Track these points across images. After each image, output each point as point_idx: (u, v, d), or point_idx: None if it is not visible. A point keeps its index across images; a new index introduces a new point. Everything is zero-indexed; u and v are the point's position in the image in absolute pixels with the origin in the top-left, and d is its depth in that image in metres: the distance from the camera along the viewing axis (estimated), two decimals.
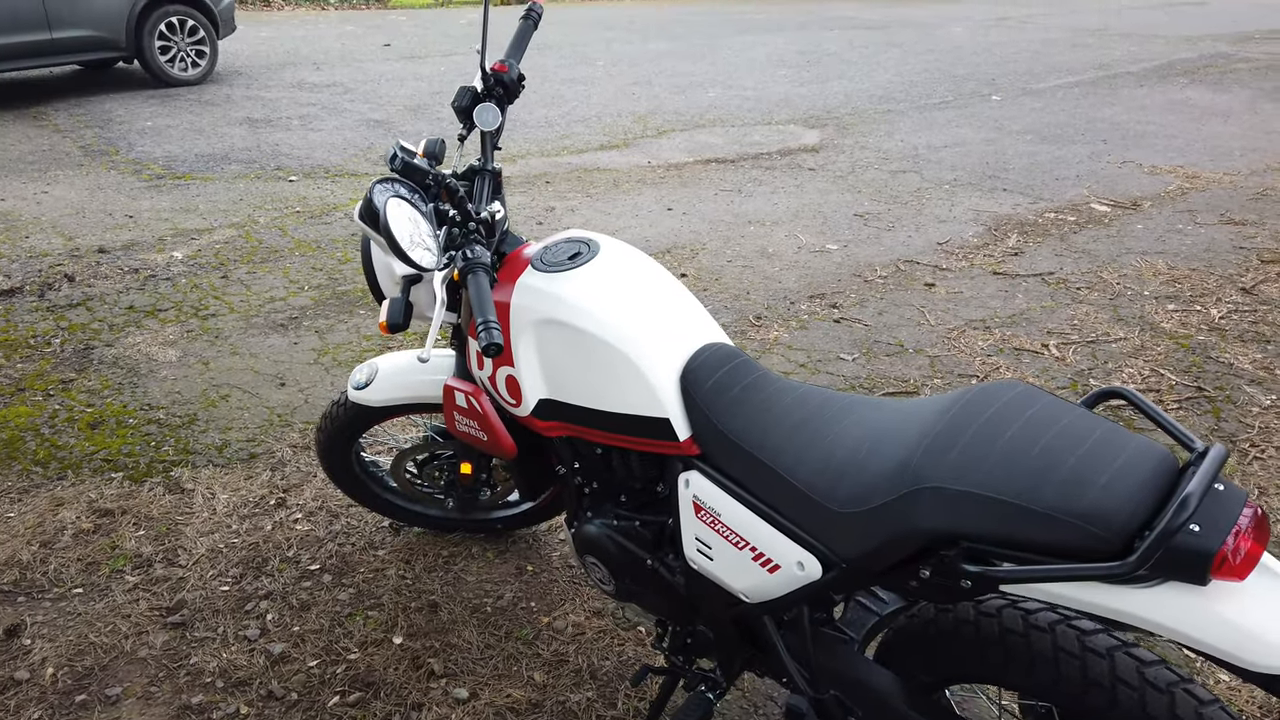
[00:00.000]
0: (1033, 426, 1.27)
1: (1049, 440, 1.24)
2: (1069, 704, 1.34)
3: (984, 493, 1.22)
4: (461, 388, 1.83)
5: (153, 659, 2.21)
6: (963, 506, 1.23)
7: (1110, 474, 1.18)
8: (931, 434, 1.31)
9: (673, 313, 1.68)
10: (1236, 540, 1.11)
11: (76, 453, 2.97)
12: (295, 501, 2.78)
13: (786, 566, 1.48)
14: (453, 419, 1.90)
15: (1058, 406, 1.31)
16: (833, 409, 1.53)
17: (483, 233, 1.66)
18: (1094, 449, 1.22)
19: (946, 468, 1.26)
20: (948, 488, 1.25)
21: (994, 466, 1.24)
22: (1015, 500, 1.20)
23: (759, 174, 6.37)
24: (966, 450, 1.27)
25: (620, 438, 1.67)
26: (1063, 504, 1.18)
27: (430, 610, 2.39)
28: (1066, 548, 1.17)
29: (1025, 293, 4.35)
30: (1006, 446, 1.25)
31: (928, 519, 1.26)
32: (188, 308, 3.99)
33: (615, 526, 1.83)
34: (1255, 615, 1.12)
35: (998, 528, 1.21)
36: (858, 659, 1.57)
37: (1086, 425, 1.27)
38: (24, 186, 5.56)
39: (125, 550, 2.55)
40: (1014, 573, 1.20)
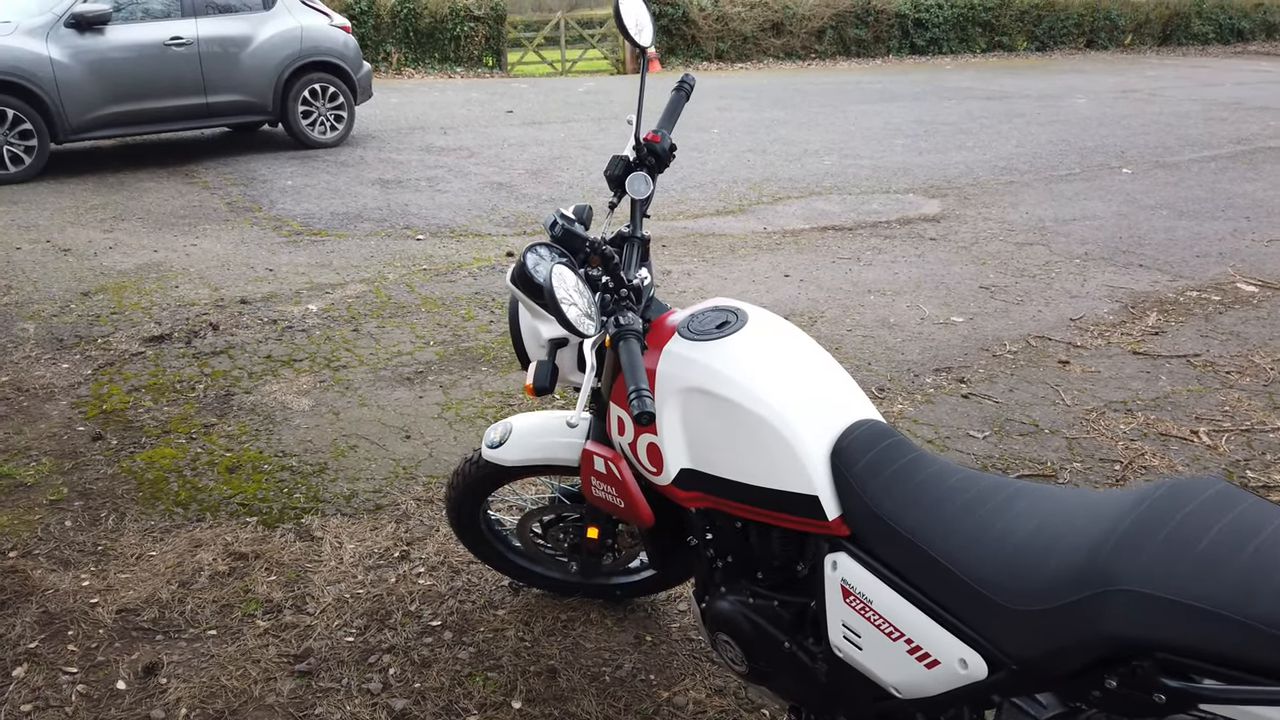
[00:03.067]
0: (1238, 529, 1.17)
1: (1259, 545, 1.14)
2: None
3: (1186, 600, 1.12)
4: (601, 453, 1.82)
5: (280, 706, 2.24)
6: (1161, 613, 1.14)
7: None
8: (1120, 530, 1.22)
9: (824, 386, 1.63)
10: None
11: (215, 495, 3.08)
12: (418, 555, 2.80)
13: (947, 663, 1.39)
14: (590, 484, 1.88)
15: (1265, 508, 1.21)
16: (1001, 495, 1.45)
17: (633, 299, 1.66)
18: None
19: (1141, 569, 1.17)
20: (1144, 591, 1.15)
21: (1197, 571, 1.14)
22: (1222, 610, 1.10)
23: (878, 242, 6.29)
24: (1164, 551, 1.17)
25: (764, 513, 1.62)
26: (1269, 614, 1.07)
27: (549, 676, 2.35)
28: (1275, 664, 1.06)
29: (1169, 375, 4.12)
30: (1210, 550, 1.15)
31: (1120, 625, 1.17)
32: (320, 359, 4.14)
33: (751, 605, 1.77)
34: None
35: (1202, 640, 1.11)
36: None
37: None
38: (175, 239, 5.92)
39: (257, 595, 2.61)
40: (1220, 691, 1.09)
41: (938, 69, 18.64)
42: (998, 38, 22.01)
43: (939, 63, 20.19)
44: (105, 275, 5.17)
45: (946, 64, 19.88)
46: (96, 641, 2.43)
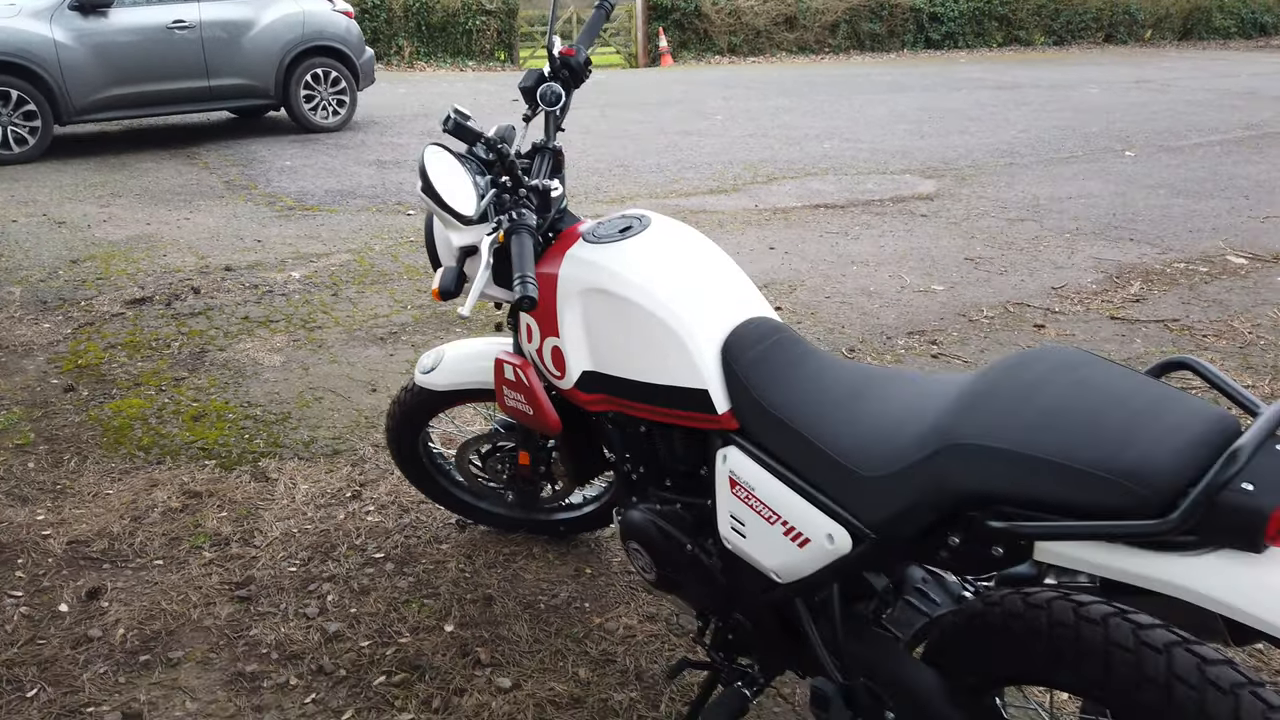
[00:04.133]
0: (1079, 386, 1.18)
1: (1094, 399, 1.15)
2: (1121, 705, 1.21)
3: (1016, 449, 1.13)
4: (511, 360, 1.84)
5: (216, 628, 2.27)
6: (993, 464, 1.14)
7: (1158, 431, 1.08)
8: (966, 393, 1.23)
9: (719, 285, 1.65)
10: None
11: (177, 441, 3.13)
12: (370, 495, 2.83)
13: (816, 540, 1.40)
14: (502, 394, 1.90)
15: (1111, 369, 1.21)
16: (876, 382, 1.46)
17: (533, 200, 1.68)
18: (1144, 408, 1.12)
19: (979, 424, 1.18)
20: (979, 444, 1.16)
21: (1030, 423, 1.15)
22: (1050, 457, 1.11)
23: (868, 219, 6.28)
24: (1002, 406, 1.18)
25: (660, 411, 1.64)
26: (1102, 461, 1.08)
27: (485, 603, 2.38)
28: (1105, 508, 1.07)
29: (1144, 338, 4.09)
30: (1046, 404, 1.16)
31: (955, 478, 1.18)
32: (297, 320, 4.19)
33: (659, 511, 1.79)
34: None
35: (1031, 487, 1.12)
36: (898, 654, 1.47)
37: (1139, 386, 1.17)
38: (169, 214, 6.00)
39: (206, 529, 2.65)
40: (1042, 528, 1.10)
41: (951, 62, 18.54)
42: (1014, 32, 21.85)
43: (953, 56, 20.07)
44: (96, 245, 5.26)
45: (961, 58, 19.76)
46: (44, 569, 2.47)
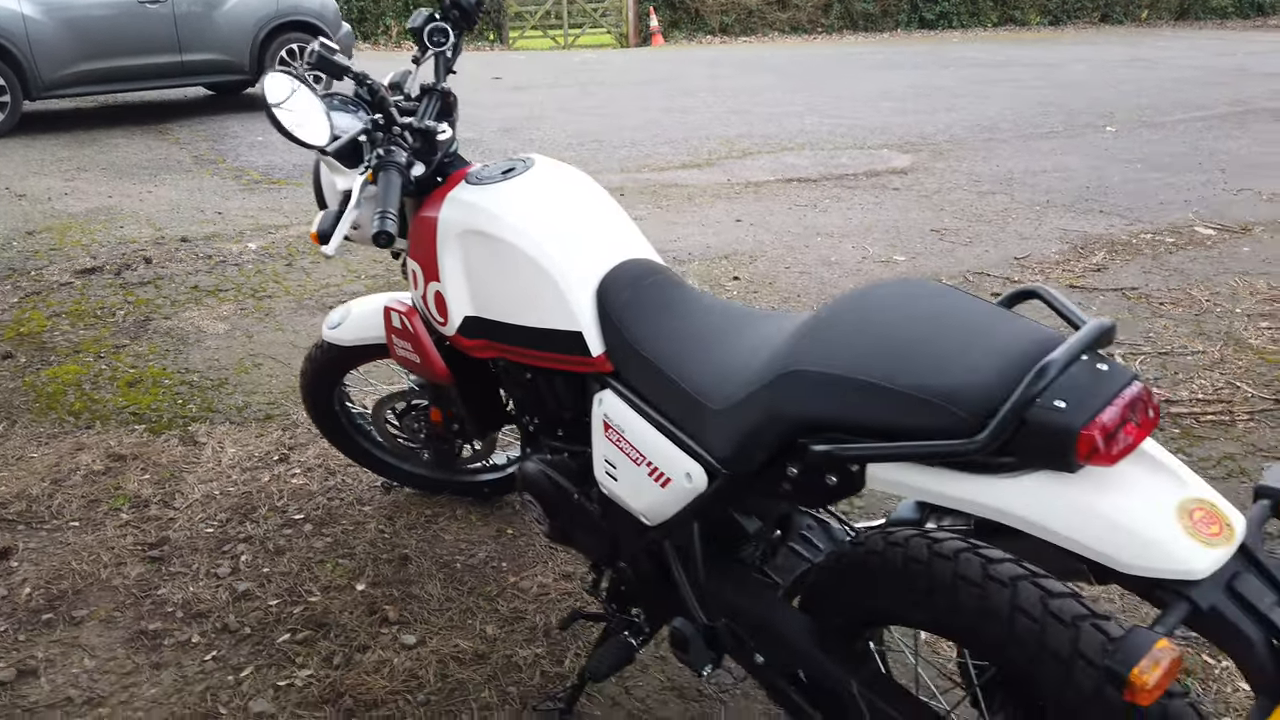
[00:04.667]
0: (916, 314, 1.14)
1: (929, 326, 1.11)
2: (970, 639, 1.18)
3: (844, 374, 1.10)
4: (396, 308, 1.81)
5: (124, 588, 2.25)
6: (823, 389, 1.11)
7: (981, 353, 1.04)
8: (810, 324, 1.20)
9: (598, 227, 1.61)
10: (1109, 421, 0.95)
11: (109, 406, 3.10)
12: (298, 459, 2.80)
13: (677, 479, 1.37)
14: (393, 344, 1.87)
15: (956, 298, 1.18)
16: (744, 320, 1.42)
17: (407, 140, 1.64)
18: (976, 333, 1.08)
19: (814, 351, 1.15)
20: (809, 370, 1.13)
21: (860, 349, 1.11)
22: (875, 381, 1.08)
23: (839, 192, 6.23)
24: (838, 334, 1.15)
25: (540, 355, 1.61)
26: (923, 383, 1.04)
27: (400, 563, 2.35)
28: (926, 430, 1.04)
29: (1101, 305, 4.05)
30: (880, 331, 1.13)
31: (790, 405, 1.15)
32: (247, 289, 4.15)
33: (549, 461, 1.76)
34: (1131, 508, 0.96)
35: (857, 411, 1.09)
36: (765, 597, 1.44)
37: (978, 313, 1.13)
38: (134, 187, 5.95)
39: (127, 491, 2.62)
40: (857, 449, 1.07)
41: (944, 42, 18.40)
42: (1010, 11, 21.69)
43: (947, 36, 19.93)
44: (54, 218, 5.21)
45: (954, 38, 19.61)
46: None
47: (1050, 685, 1.07)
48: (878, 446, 1.06)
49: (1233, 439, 2.86)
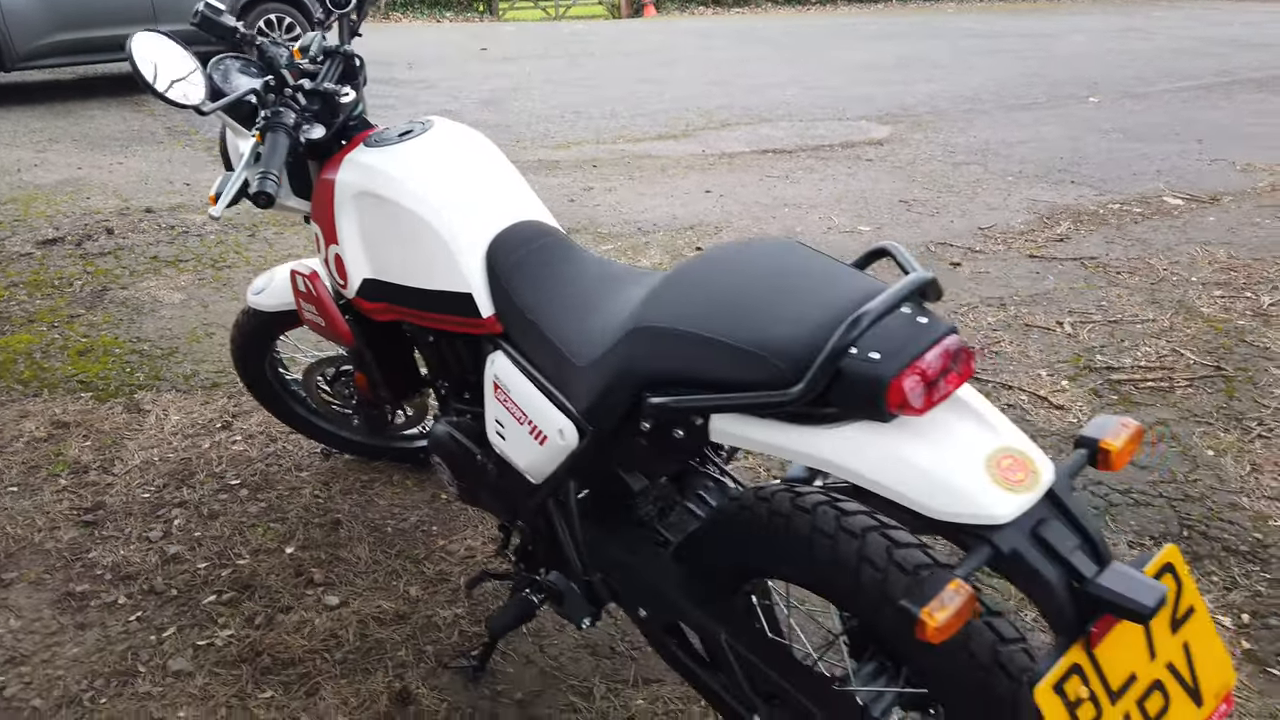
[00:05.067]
0: (760, 271, 1.16)
1: (772, 283, 1.13)
2: (825, 589, 1.21)
3: (686, 329, 1.12)
4: (300, 271, 1.82)
5: (56, 551, 2.28)
6: (665, 344, 1.13)
7: (810, 307, 1.06)
8: (663, 282, 1.21)
9: (491, 189, 1.62)
10: (920, 371, 0.97)
11: (58, 375, 3.12)
12: (240, 426, 2.83)
13: (552, 436, 1.40)
14: (301, 308, 1.89)
15: (802, 255, 1.19)
16: (619, 280, 1.44)
17: (301, 102, 1.65)
18: (810, 288, 1.10)
19: (661, 308, 1.16)
20: (654, 326, 1.15)
21: (704, 306, 1.13)
22: (712, 335, 1.09)
23: (813, 163, 6.21)
24: (685, 293, 1.17)
25: (435, 317, 1.62)
26: (754, 337, 1.06)
27: (331, 527, 2.38)
28: (754, 382, 1.06)
29: (1058, 275, 4.06)
30: (724, 288, 1.14)
31: (638, 360, 1.17)
32: (207, 260, 4.16)
33: (455, 424, 1.78)
34: (939, 456, 0.98)
35: (696, 365, 1.11)
36: (647, 552, 1.46)
37: (823, 271, 1.14)
38: (103, 159, 5.94)
39: (67, 458, 2.65)
40: (686, 401, 1.09)
41: (939, 12, 18.23)
42: None
43: (942, 7, 19.73)
44: (21, 189, 5.21)
45: (950, 8, 19.42)
46: None
47: (893, 631, 1.10)
48: (702, 398, 1.08)
49: (1169, 405, 2.88)
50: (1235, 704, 1.74)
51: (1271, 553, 2.20)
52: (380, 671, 1.93)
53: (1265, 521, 2.31)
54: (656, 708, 1.84)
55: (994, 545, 0.97)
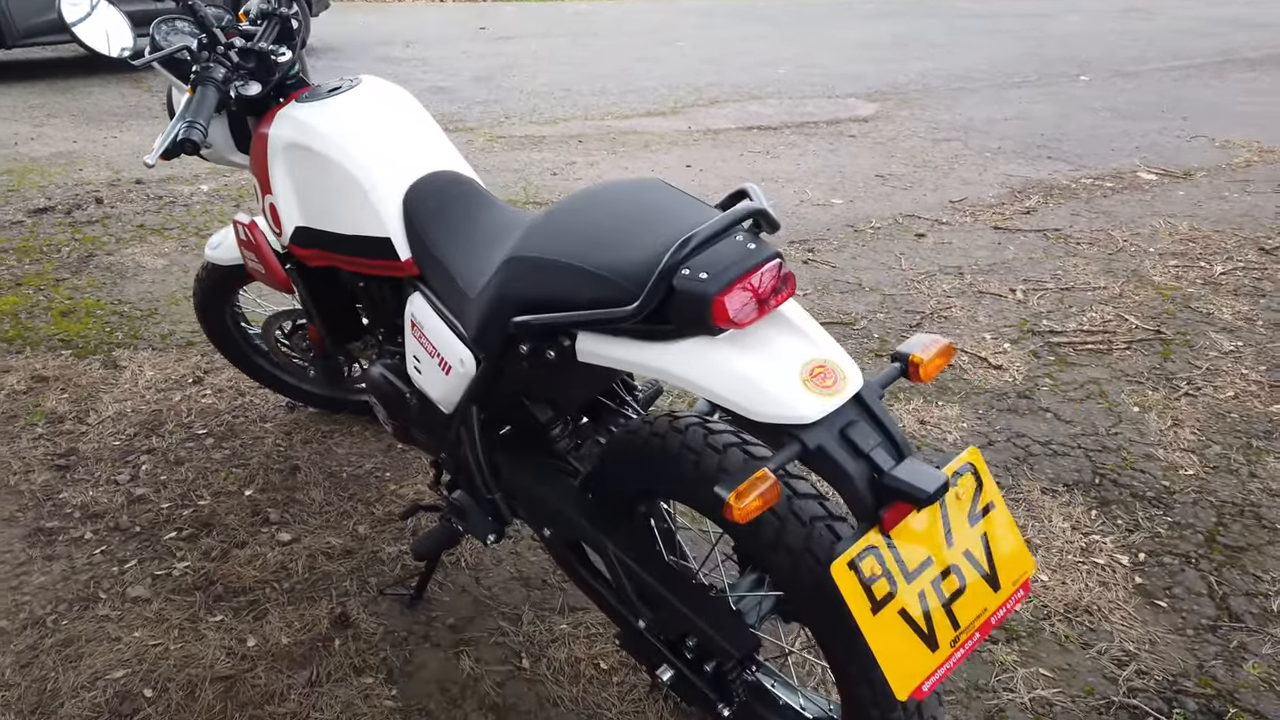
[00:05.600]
0: (624, 207, 1.27)
1: (630, 215, 1.24)
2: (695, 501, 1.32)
3: (548, 257, 1.23)
4: (240, 220, 1.94)
5: (29, 492, 2.42)
6: (533, 271, 1.25)
7: (657, 235, 1.17)
8: (539, 217, 1.33)
9: (410, 141, 1.73)
10: (744, 289, 1.08)
11: (41, 334, 3.26)
12: (211, 382, 2.96)
13: (455, 365, 1.51)
14: (244, 257, 2.01)
15: (666, 193, 1.30)
16: (519, 223, 1.55)
17: (233, 59, 1.76)
18: (663, 219, 1.21)
19: (532, 239, 1.28)
20: (525, 255, 1.26)
21: (568, 236, 1.25)
22: (571, 261, 1.21)
23: (796, 139, 6.29)
24: (554, 226, 1.28)
25: (360, 262, 1.74)
26: (606, 262, 1.18)
27: (290, 472, 2.51)
28: (606, 302, 1.17)
29: (1019, 246, 4.15)
30: (589, 221, 1.26)
31: (509, 287, 1.28)
32: (192, 228, 4.29)
33: (388, 365, 1.90)
34: (759, 366, 1.09)
35: (557, 289, 1.22)
36: (551, 476, 1.58)
37: (677, 205, 1.26)
38: (99, 132, 6.07)
39: (45, 409, 2.79)
40: (539, 319, 1.21)
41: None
42: None
43: None
44: (16, 161, 5.34)
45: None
46: None
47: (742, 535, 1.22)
48: (557, 316, 1.19)
49: (1104, 366, 2.98)
50: (1031, 591, 1.85)
51: (1176, 499, 2.31)
52: (325, 599, 2.06)
53: (1176, 471, 2.42)
54: (579, 631, 1.96)
55: (803, 442, 1.08)
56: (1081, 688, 1.78)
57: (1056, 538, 2.19)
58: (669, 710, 1.77)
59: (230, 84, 1.76)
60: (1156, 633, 1.91)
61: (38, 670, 1.86)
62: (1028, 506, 2.30)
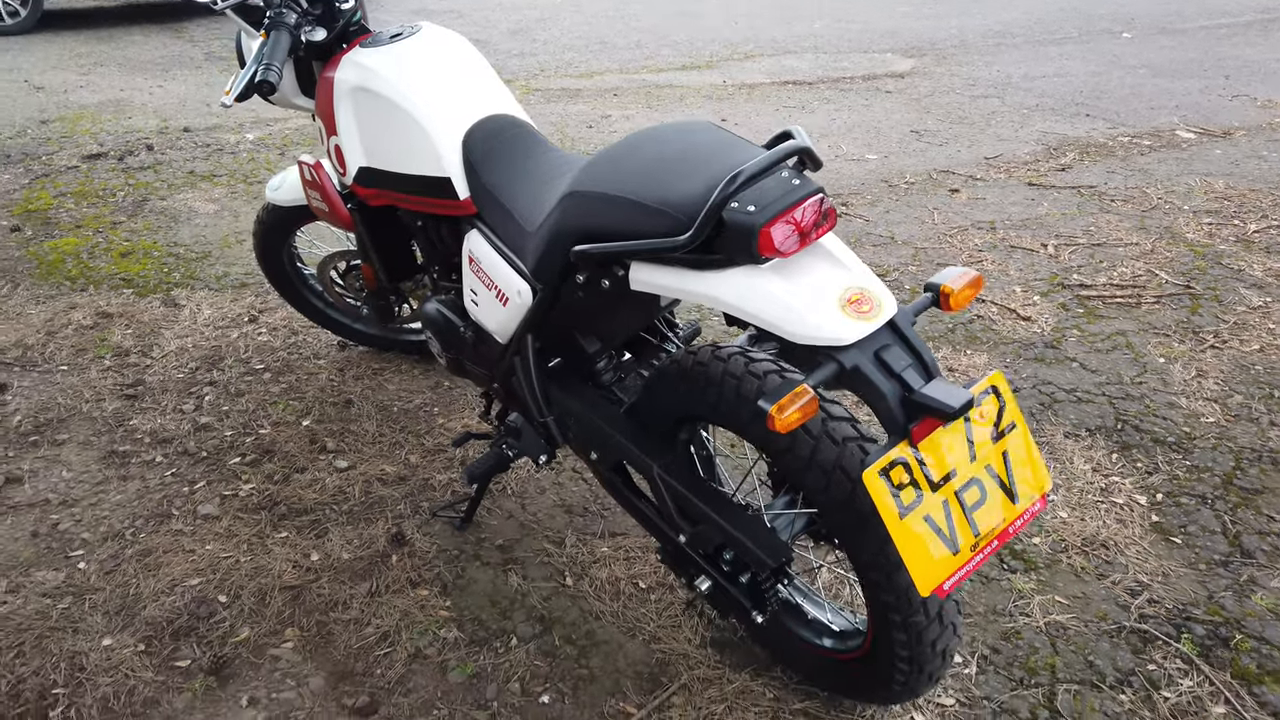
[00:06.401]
0: (677, 146, 1.36)
1: (682, 154, 1.33)
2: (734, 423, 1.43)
3: (606, 191, 1.32)
4: (306, 161, 2.05)
5: (101, 419, 2.57)
6: (589, 205, 1.34)
7: (710, 172, 1.26)
8: (595, 156, 1.42)
9: (469, 86, 1.83)
10: (788, 222, 1.17)
11: (103, 273, 3.40)
12: (266, 320, 3.09)
13: (512, 297, 1.62)
14: (309, 197, 2.12)
15: (717, 134, 1.39)
16: (573, 164, 1.64)
17: (301, 6, 1.86)
18: (714, 157, 1.29)
19: (589, 176, 1.37)
20: (582, 190, 1.36)
21: (625, 173, 1.34)
22: (625, 195, 1.30)
23: (832, 94, 6.29)
24: (610, 163, 1.37)
25: (419, 200, 1.84)
26: (661, 196, 1.27)
27: (344, 405, 2.64)
28: (660, 233, 1.26)
29: (1052, 201, 4.17)
30: (644, 158, 1.35)
31: (568, 220, 1.38)
32: (240, 175, 4.41)
33: (444, 301, 2.01)
34: (801, 292, 1.19)
35: (615, 221, 1.32)
36: (598, 402, 1.69)
37: (727, 145, 1.34)
38: (145, 82, 6.20)
39: (111, 343, 2.94)
40: (597, 248, 1.31)
41: None
42: None
43: None
44: (67, 108, 5.49)
45: None
46: None
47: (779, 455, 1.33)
48: (614, 245, 1.29)
49: (1132, 319, 3.04)
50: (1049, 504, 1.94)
51: (1196, 444, 2.38)
52: (381, 521, 2.19)
53: (1197, 419, 2.49)
54: (619, 554, 2.09)
55: (840, 363, 1.18)
56: (1095, 614, 1.88)
57: (1077, 479, 2.28)
58: (704, 625, 1.89)
59: (300, 29, 1.85)
60: (1170, 566, 2.00)
61: (120, 577, 2.01)
62: (1050, 450, 2.39)
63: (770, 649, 1.74)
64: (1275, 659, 1.77)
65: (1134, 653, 1.79)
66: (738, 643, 1.85)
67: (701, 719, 1.70)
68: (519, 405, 1.83)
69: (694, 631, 1.88)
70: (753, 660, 1.81)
